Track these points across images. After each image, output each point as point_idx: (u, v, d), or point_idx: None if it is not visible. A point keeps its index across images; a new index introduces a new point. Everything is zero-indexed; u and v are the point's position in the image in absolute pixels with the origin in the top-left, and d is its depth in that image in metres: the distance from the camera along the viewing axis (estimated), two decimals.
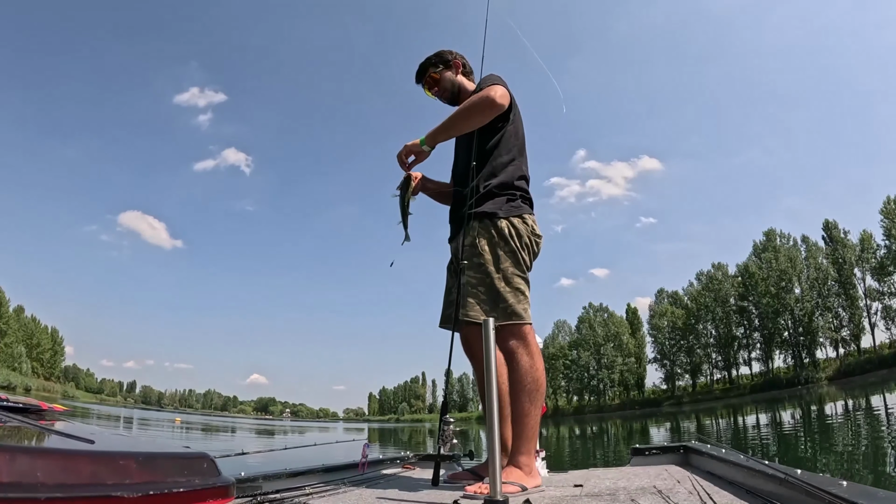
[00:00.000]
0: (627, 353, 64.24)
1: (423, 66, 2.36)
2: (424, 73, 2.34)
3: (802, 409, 22.39)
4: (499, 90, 1.99)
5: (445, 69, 2.32)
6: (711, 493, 1.48)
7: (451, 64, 2.34)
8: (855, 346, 49.00)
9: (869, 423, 12.52)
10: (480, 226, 1.95)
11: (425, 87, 2.35)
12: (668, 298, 63.68)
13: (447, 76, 2.32)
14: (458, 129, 2.05)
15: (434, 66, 2.33)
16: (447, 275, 2.20)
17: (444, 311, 2.13)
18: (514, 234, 1.95)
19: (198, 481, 0.89)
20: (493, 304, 1.85)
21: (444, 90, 2.32)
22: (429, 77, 2.32)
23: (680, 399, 57.28)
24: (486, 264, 1.88)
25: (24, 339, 74.87)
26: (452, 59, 2.35)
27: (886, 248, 46.75)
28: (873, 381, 33.32)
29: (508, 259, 1.90)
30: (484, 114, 1.98)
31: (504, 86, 2.05)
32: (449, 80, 2.31)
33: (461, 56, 2.39)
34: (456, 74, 2.32)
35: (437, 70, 2.32)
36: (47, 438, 0.95)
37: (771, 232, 54.97)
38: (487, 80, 2.10)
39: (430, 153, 2.08)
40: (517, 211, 1.99)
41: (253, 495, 1.66)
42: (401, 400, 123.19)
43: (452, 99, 2.30)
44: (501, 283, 1.86)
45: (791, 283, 51.82)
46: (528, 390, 1.78)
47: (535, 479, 1.76)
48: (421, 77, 2.35)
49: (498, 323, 1.80)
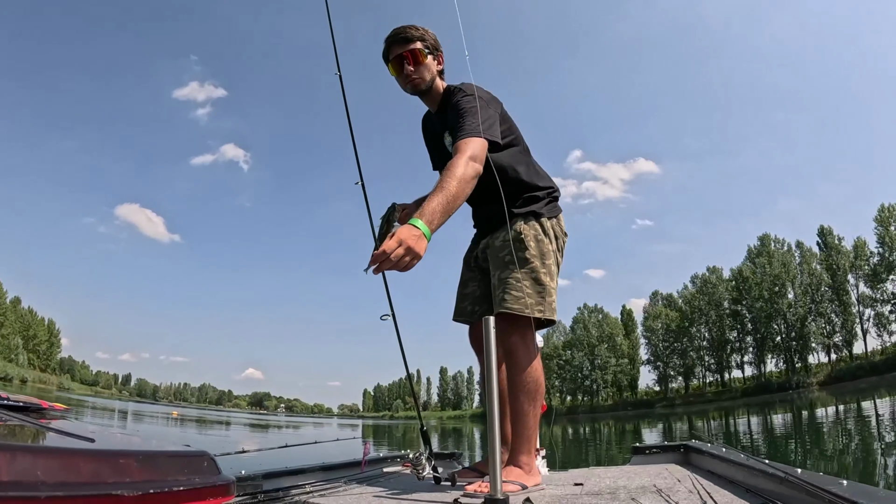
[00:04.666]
0: (621, 354, 64.46)
1: (407, 36, 1.94)
2: (406, 41, 1.93)
3: (793, 413, 22.55)
4: (477, 146, 1.71)
5: (432, 54, 1.98)
6: (712, 492, 1.49)
7: (437, 54, 2.01)
8: (847, 352, 49.36)
9: (859, 427, 12.62)
10: (526, 224, 1.89)
11: (398, 61, 1.94)
12: (663, 300, 63.96)
13: (430, 64, 1.97)
14: (453, 211, 1.67)
15: (423, 41, 1.95)
16: (464, 268, 2.13)
17: (459, 304, 2.09)
18: (554, 234, 1.94)
19: (198, 480, 0.88)
20: (541, 298, 1.82)
21: (420, 78, 1.95)
22: (413, 52, 1.92)
23: (672, 401, 57.54)
24: (533, 259, 1.84)
25: (21, 330, 74.81)
26: (439, 48, 2.02)
27: (880, 255, 47.10)
28: (864, 388, 33.57)
29: (551, 257, 1.89)
30: (472, 187, 1.68)
31: (486, 112, 1.82)
32: (430, 70, 1.97)
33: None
34: (437, 65, 2.02)
35: (425, 51, 1.95)
36: (48, 437, 0.94)
37: (766, 237, 55.30)
38: (465, 114, 1.80)
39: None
40: (555, 212, 1.98)
41: (253, 493, 1.65)
42: (395, 397, 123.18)
43: (421, 91, 1.99)
44: (547, 279, 1.84)
45: (784, 288, 52.14)
46: (527, 390, 1.77)
47: (536, 478, 1.75)
48: (399, 44, 1.94)
49: (543, 315, 1.80)
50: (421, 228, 1.50)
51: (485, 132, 1.74)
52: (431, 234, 1.55)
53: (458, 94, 1.88)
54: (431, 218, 1.53)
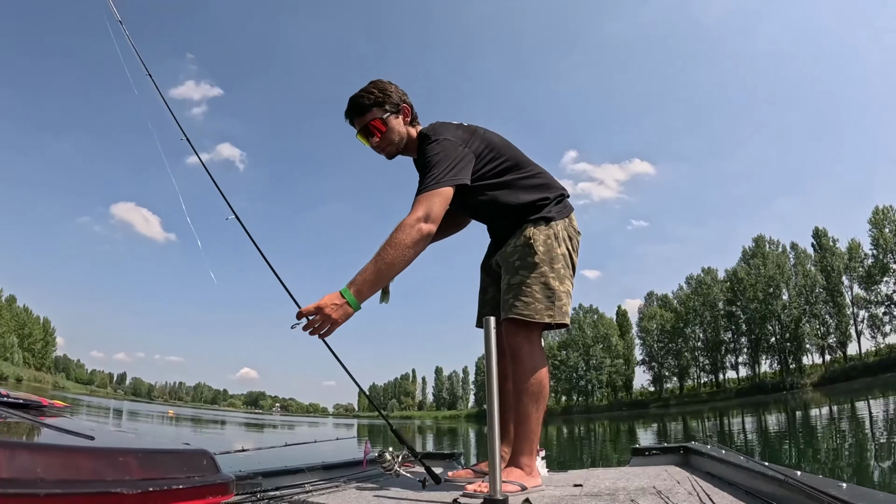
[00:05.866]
0: (616, 354, 64.64)
1: (362, 105, 1.87)
2: (362, 112, 1.87)
3: (787, 414, 22.67)
4: (433, 202, 1.66)
5: (393, 114, 1.89)
6: (711, 493, 1.49)
7: (401, 109, 1.91)
8: (841, 353, 49.67)
9: (853, 428, 12.70)
10: (535, 228, 1.86)
11: (361, 135, 1.90)
12: (658, 301, 64.17)
13: (395, 125, 1.89)
14: (389, 279, 1.69)
15: (379, 107, 1.86)
16: (482, 274, 2.12)
17: (480, 310, 2.07)
18: (566, 236, 1.91)
19: (197, 478, 0.88)
20: (550, 303, 1.80)
21: (388, 143, 1.89)
22: (372, 125, 1.87)
23: (667, 401, 57.75)
24: (542, 264, 1.82)
25: (16, 329, 74.55)
26: (401, 102, 1.91)
27: (874, 257, 47.41)
28: (857, 388, 33.78)
29: (560, 261, 1.86)
30: (417, 251, 1.66)
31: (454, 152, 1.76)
32: (397, 132, 1.89)
33: (405, 94, 1.96)
34: (405, 124, 1.92)
35: (383, 117, 1.87)
36: (47, 434, 0.94)
37: (760, 238, 55.55)
38: (427, 167, 1.74)
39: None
40: (565, 212, 1.95)
41: (252, 492, 1.65)
42: (391, 396, 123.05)
43: (396, 153, 1.94)
44: (556, 283, 1.82)
45: (779, 290, 52.41)
46: (531, 392, 1.76)
47: (535, 479, 1.75)
48: (357, 115, 1.89)
49: (553, 321, 1.79)
50: (346, 297, 1.57)
51: (450, 179, 1.71)
52: (360, 304, 1.60)
53: (425, 144, 1.83)
54: (360, 287, 1.59)
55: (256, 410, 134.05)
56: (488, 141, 1.90)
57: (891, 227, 46.15)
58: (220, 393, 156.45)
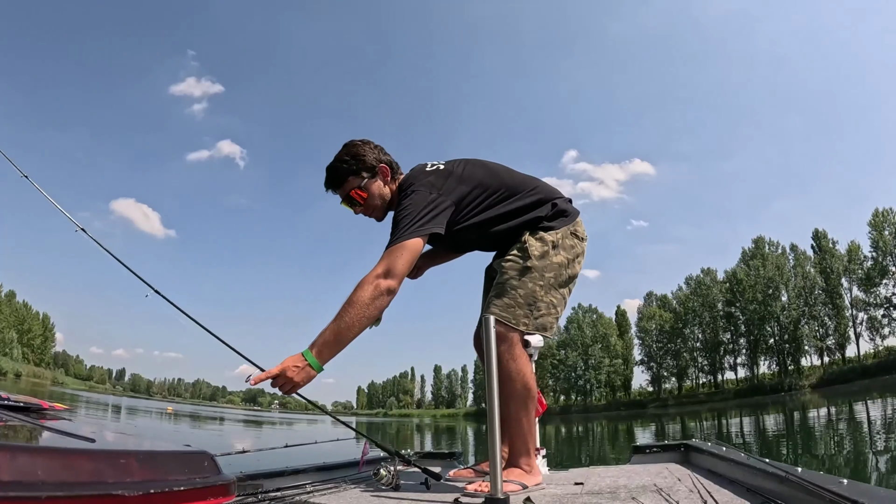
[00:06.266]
0: (615, 354, 64.73)
1: (338, 177, 1.88)
2: (340, 184, 1.89)
3: (785, 415, 22.72)
4: (399, 257, 1.66)
5: (371, 179, 1.88)
6: (712, 491, 1.49)
7: (378, 171, 1.89)
8: (840, 354, 49.78)
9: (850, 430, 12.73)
10: (533, 236, 1.85)
11: (345, 202, 1.91)
12: (657, 301, 64.23)
13: (375, 190, 1.88)
14: (350, 339, 1.64)
15: (355, 174, 1.87)
16: (486, 279, 2.11)
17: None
18: (567, 244, 1.88)
19: (198, 479, 0.88)
20: (529, 311, 1.79)
21: (371, 209, 1.90)
22: (352, 195, 1.87)
23: (665, 401, 57.84)
24: (532, 269, 1.81)
25: (16, 324, 74.64)
26: (378, 164, 1.89)
27: (873, 259, 47.48)
28: (856, 390, 33.83)
29: (555, 270, 1.84)
30: (378, 307, 1.64)
31: (426, 203, 1.72)
32: (378, 196, 1.89)
33: (381, 151, 1.93)
34: (385, 184, 1.90)
35: (361, 187, 1.86)
36: (48, 437, 0.94)
37: (760, 239, 55.62)
38: (397, 220, 1.73)
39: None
40: (566, 222, 1.91)
41: (254, 493, 1.65)
42: (389, 394, 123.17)
43: (384, 215, 1.92)
44: (542, 292, 1.81)
45: (778, 291, 52.48)
46: (516, 395, 1.75)
47: (536, 477, 1.75)
48: (335, 187, 1.90)
49: (527, 329, 1.78)
50: (308, 359, 1.58)
51: (415, 230, 1.69)
52: (322, 365, 1.60)
53: (401, 197, 1.81)
54: (321, 349, 1.60)
55: (255, 407, 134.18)
56: (469, 178, 1.84)
57: (890, 229, 46.22)
58: (218, 389, 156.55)
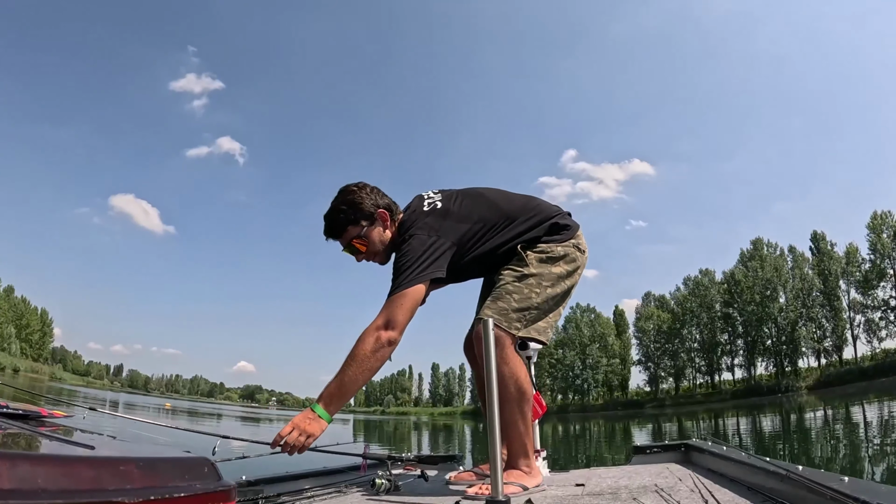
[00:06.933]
0: (612, 354, 64.84)
1: (336, 228, 1.89)
2: (339, 234, 1.89)
3: (782, 416, 22.78)
4: (399, 306, 1.69)
5: (371, 226, 1.88)
6: (713, 490, 1.48)
7: (376, 217, 1.88)
8: (837, 356, 49.89)
9: (847, 431, 12.77)
10: (531, 249, 1.86)
11: (346, 250, 1.92)
12: (655, 302, 64.36)
13: (375, 237, 1.89)
14: (354, 391, 1.73)
15: (354, 223, 1.87)
16: (483, 288, 2.12)
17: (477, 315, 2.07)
18: (568, 258, 1.89)
19: (199, 486, 0.87)
20: (522, 314, 1.79)
21: (373, 255, 1.91)
22: (354, 244, 1.88)
23: (662, 402, 57.96)
24: (529, 276, 1.81)
25: (14, 319, 74.74)
26: (376, 210, 1.88)
27: (871, 262, 47.58)
28: (852, 393, 33.91)
29: (552, 279, 1.84)
30: (380, 358, 1.69)
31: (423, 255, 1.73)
32: (378, 242, 1.89)
33: (379, 194, 1.92)
34: (385, 228, 1.90)
35: (361, 236, 1.87)
36: (48, 445, 0.93)
37: (758, 241, 55.70)
38: (396, 269, 1.75)
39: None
40: (567, 236, 1.91)
41: (254, 499, 1.64)
42: (387, 392, 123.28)
43: (388, 258, 1.92)
44: (538, 300, 1.81)
45: (776, 292, 52.60)
46: (511, 398, 1.74)
47: (537, 479, 1.75)
48: (335, 237, 1.91)
49: (519, 334, 1.78)
50: (317, 412, 1.68)
51: (415, 278, 1.71)
52: (331, 416, 1.71)
53: (400, 241, 1.83)
54: (329, 401, 1.70)
55: (252, 404, 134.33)
56: (468, 215, 1.85)
57: (888, 232, 46.32)
58: (216, 386, 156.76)
